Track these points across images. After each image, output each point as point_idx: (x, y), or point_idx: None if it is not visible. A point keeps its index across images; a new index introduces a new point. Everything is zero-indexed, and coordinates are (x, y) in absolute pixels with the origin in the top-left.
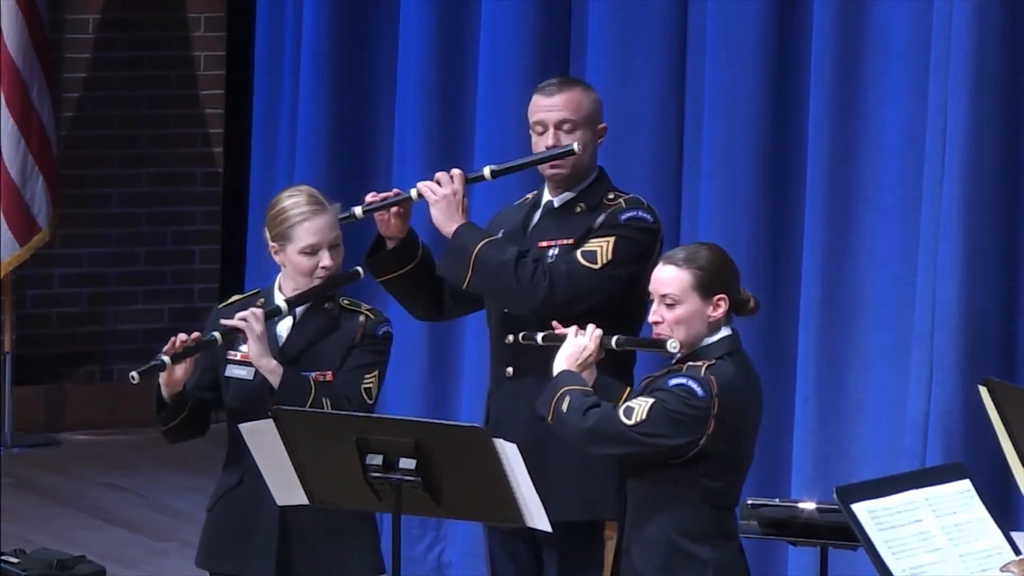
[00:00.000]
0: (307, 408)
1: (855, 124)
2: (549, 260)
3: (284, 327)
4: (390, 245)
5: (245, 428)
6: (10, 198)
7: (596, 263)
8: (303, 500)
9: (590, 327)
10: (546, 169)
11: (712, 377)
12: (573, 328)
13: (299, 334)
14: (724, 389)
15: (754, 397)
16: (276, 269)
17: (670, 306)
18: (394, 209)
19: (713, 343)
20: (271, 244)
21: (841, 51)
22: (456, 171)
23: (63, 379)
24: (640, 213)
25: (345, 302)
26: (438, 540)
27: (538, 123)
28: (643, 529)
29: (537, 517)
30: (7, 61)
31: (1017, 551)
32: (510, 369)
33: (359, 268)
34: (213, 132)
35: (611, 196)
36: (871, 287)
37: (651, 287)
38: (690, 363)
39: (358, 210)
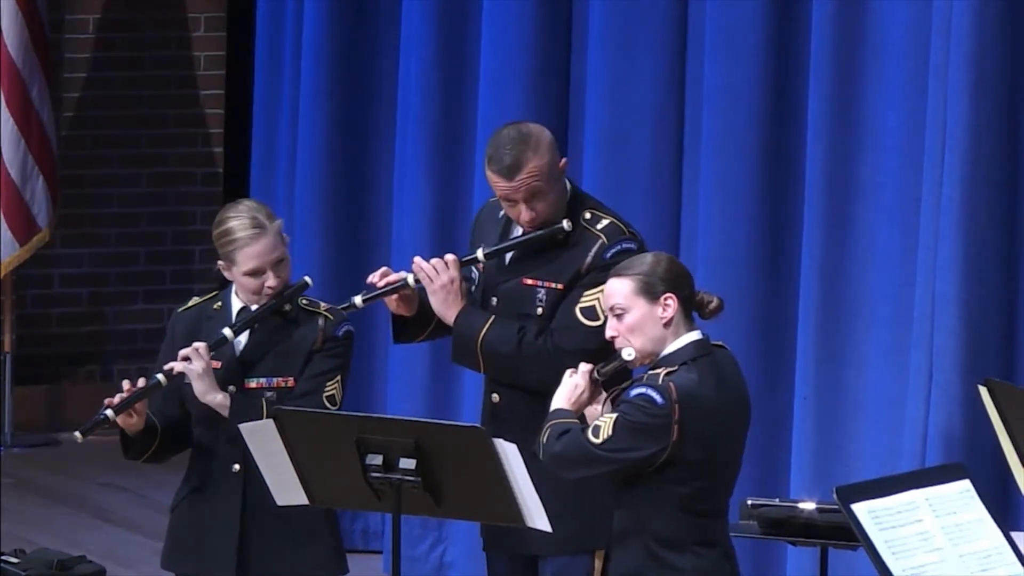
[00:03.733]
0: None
1: (854, 124)
2: (539, 302)
3: (242, 334)
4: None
5: (245, 428)
6: (10, 198)
7: (597, 319)
8: (303, 500)
9: (582, 365)
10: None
11: (671, 384)
12: (568, 371)
13: (257, 341)
14: (684, 394)
15: (729, 401)
16: None
17: (619, 316)
18: (395, 296)
19: (677, 350)
20: (219, 261)
21: (840, 51)
22: (450, 257)
23: (63, 379)
24: (623, 245)
25: (304, 302)
26: (440, 540)
27: (505, 198)
28: (623, 537)
29: (537, 517)
30: (7, 61)
31: (1017, 551)
32: (495, 396)
33: (307, 278)
34: (213, 132)
35: (588, 216)
36: (870, 286)
37: (603, 305)
38: (651, 371)
39: (358, 300)
